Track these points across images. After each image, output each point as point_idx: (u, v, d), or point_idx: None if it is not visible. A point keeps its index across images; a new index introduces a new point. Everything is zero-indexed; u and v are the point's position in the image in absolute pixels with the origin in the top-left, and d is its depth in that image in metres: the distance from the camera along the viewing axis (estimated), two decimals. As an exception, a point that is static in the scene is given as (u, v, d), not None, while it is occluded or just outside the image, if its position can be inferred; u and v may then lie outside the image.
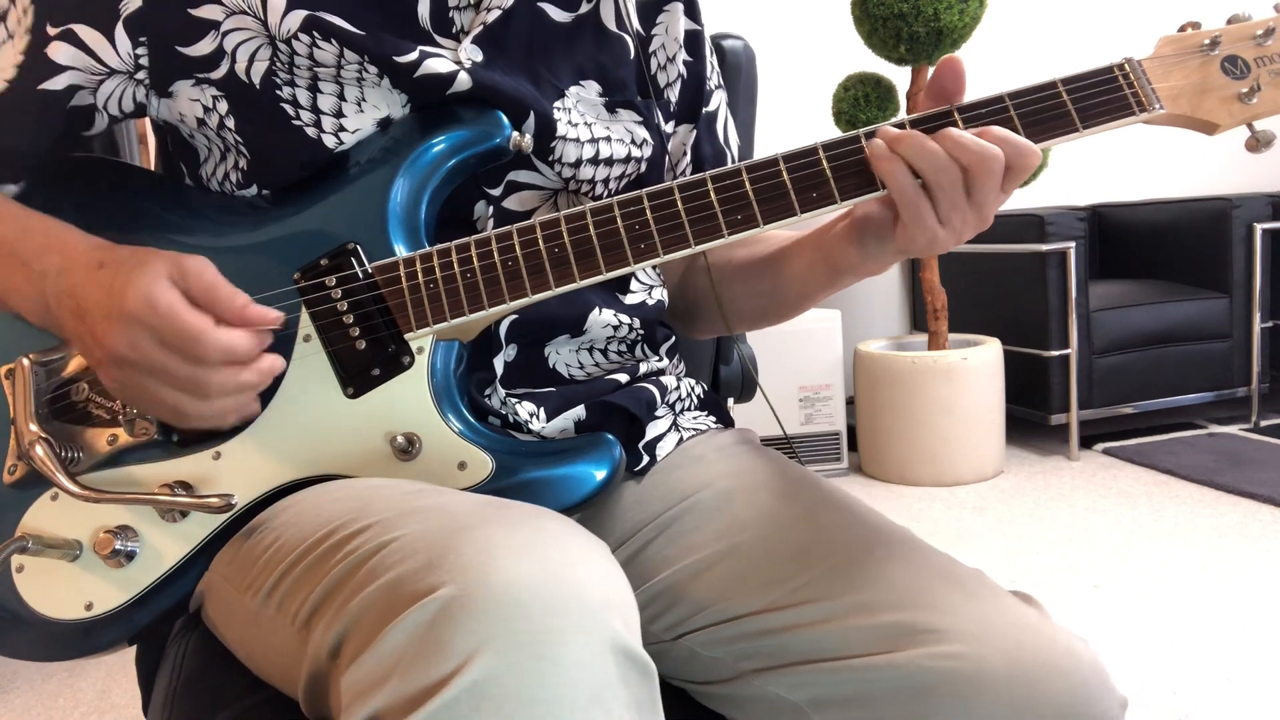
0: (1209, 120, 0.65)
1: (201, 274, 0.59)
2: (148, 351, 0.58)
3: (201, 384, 0.59)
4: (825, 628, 0.61)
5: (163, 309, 0.57)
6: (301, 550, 0.57)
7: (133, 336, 0.58)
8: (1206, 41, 0.65)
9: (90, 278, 0.60)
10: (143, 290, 0.57)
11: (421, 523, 0.51)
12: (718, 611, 0.65)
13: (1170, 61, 0.65)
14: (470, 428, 0.65)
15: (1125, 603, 1.91)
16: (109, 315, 0.58)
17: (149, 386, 0.59)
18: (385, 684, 0.45)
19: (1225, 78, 0.65)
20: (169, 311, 0.57)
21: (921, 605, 0.60)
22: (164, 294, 0.57)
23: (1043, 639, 0.59)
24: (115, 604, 0.66)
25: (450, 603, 0.45)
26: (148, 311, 0.57)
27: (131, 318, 0.57)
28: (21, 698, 1.80)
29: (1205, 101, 0.65)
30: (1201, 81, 0.65)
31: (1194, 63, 0.65)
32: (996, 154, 0.60)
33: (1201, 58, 0.65)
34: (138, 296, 0.57)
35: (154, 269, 0.58)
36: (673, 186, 0.64)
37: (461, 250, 0.65)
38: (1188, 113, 0.65)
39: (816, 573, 0.63)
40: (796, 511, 0.69)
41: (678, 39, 0.82)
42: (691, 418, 0.82)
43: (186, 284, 0.59)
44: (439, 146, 0.67)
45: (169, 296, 0.58)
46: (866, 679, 0.59)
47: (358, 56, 0.66)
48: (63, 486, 0.63)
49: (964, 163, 0.60)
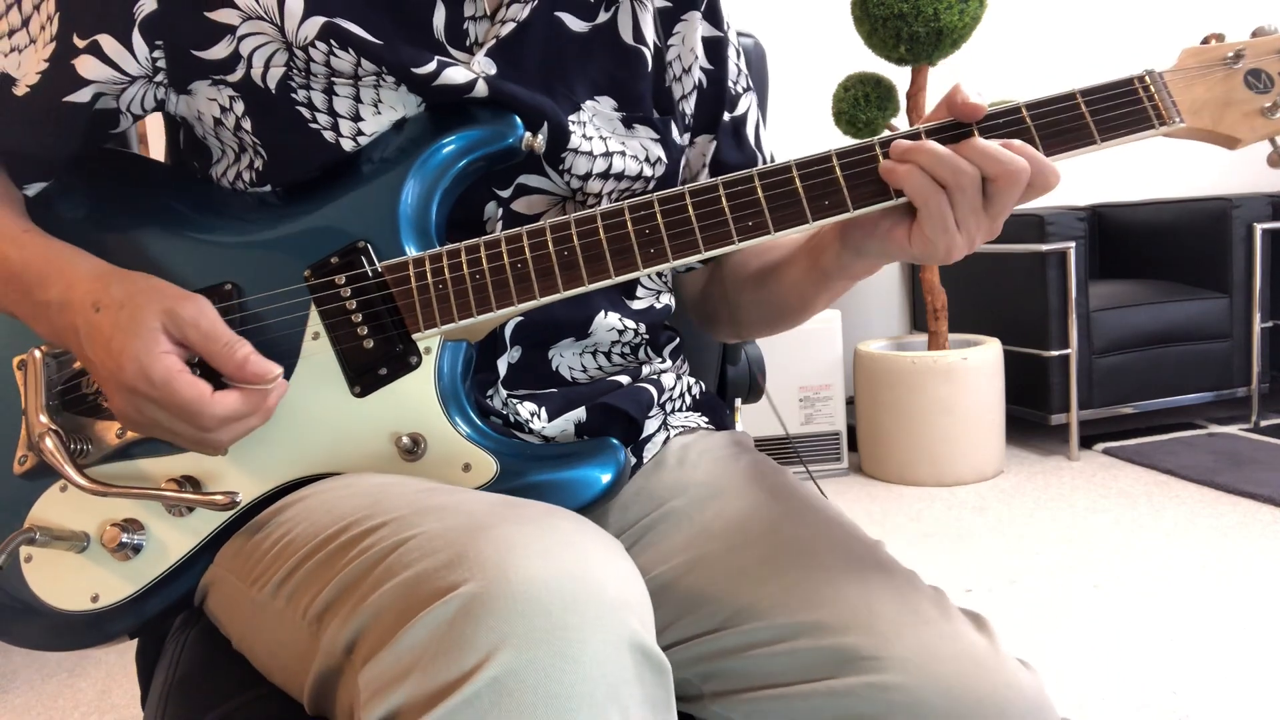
0: (1231, 135, 0.65)
1: (197, 323, 0.59)
2: (152, 415, 0.60)
3: (207, 442, 0.61)
4: (775, 649, 0.61)
5: (159, 382, 0.58)
6: (314, 545, 0.57)
7: (134, 403, 0.59)
8: (1230, 54, 0.65)
9: (89, 322, 0.60)
10: (137, 358, 0.58)
11: (438, 521, 0.52)
12: (682, 628, 0.64)
13: (1193, 74, 0.65)
14: (476, 430, 0.65)
15: (1125, 603, 1.91)
16: (111, 380, 0.59)
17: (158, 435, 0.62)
18: (406, 680, 0.45)
19: (1249, 91, 0.65)
20: (164, 384, 0.58)
21: (866, 629, 0.59)
22: (157, 363, 0.58)
23: (985, 671, 0.58)
24: (121, 596, 0.66)
25: (471, 600, 0.45)
26: (145, 383, 0.58)
27: (130, 389, 0.59)
28: (21, 698, 1.80)
29: (1227, 115, 0.65)
30: (1224, 95, 0.65)
31: (1217, 75, 0.65)
32: (1024, 167, 0.60)
33: (1225, 71, 0.65)
34: (134, 367, 0.58)
35: (147, 328, 0.59)
36: (684, 191, 0.64)
37: (471, 251, 0.65)
38: (1209, 127, 0.65)
39: (772, 588, 0.63)
40: (763, 523, 0.68)
41: (694, 49, 0.81)
42: (681, 417, 0.82)
43: (182, 334, 0.59)
44: (451, 146, 0.67)
45: (163, 365, 0.58)
46: (810, 708, 0.58)
47: (375, 66, 0.66)
48: (70, 479, 0.63)
49: (991, 174, 0.60)
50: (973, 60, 2.82)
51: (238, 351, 0.60)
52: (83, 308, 0.61)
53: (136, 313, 0.59)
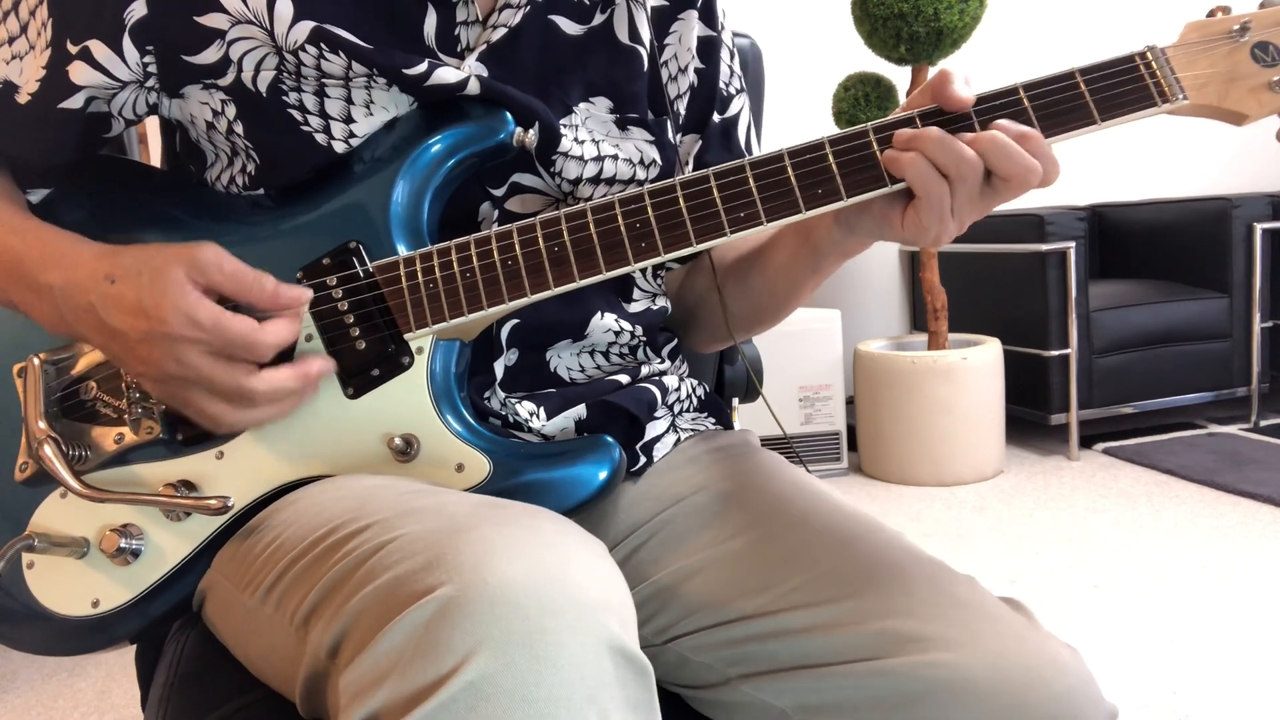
0: (1237, 110, 0.62)
1: (221, 265, 0.59)
2: (196, 365, 0.58)
3: (248, 392, 0.60)
4: (813, 634, 0.61)
5: (208, 323, 0.57)
6: (301, 549, 0.57)
7: (179, 353, 0.58)
8: (1236, 27, 0.62)
9: (105, 294, 0.59)
10: (178, 305, 0.57)
11: (420, 523, 0.52)
12: (707, 616, 0.65)
13: (1196, 49, 0.62)
14: (469, 429, 0.65)
15: (1125, 603, 1.91)
16: (148, 337, 0.58)
17: (193, 398, 0.60)
18: (383, 683, 0.45)
19: (1255, 65, 0.62)
20: (214, 324, 0.58)
21: (909, 613, 0.60)
22: (201, 305, 0.58)
23: (1029, 648, 0.59)
24: (121, 601, 0.66)
25: (448, 603, 0.45)
26: (192, 328, 0.57)
27: (176, 337, 0.58)
28: (21, 698, 1.81)
29: (1233, 90, 0.62)
30: (1230, 69, 0.62)
31: (1222, 49, 0.62)
32: (1036, 168, 0.59)
33: (1230, 44, 0.62)
34: (177, 315, 0.57)
35: (174, 277, 0.58)
36: (675, 183, 0.63)
37: (461, 250, 0.65)
38: (1214, 103, 0.62)
39: (806, 578, 0.63)
40: (789, 516, 0.69)
41: (690, 48, 0.81)
42: (690, 419, 0.82)
43: (208, 278, 0.59)
44: (441, 144, 0.67)
45: (207, 307, 0.58)
46: (852, 686, 0.59)
47: (366, 69, 0.66)
48: (68, 485, 0.63)
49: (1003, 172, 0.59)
50: (973, 60, 2.82)
51: (267, 283, 0.60)
52: (94, 284, 0.60)
53: (158, 273, 0.58)
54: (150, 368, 0.59)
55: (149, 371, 0.60)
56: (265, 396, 0.60)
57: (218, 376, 0.59)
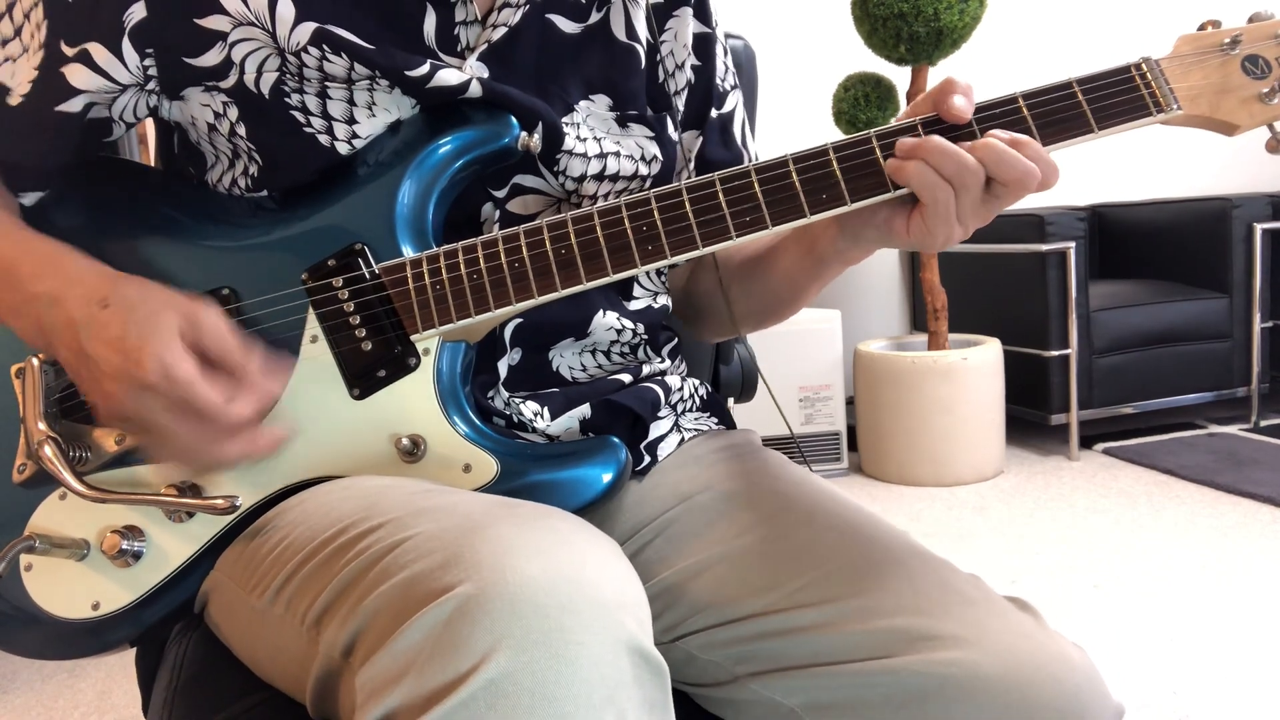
0: (1228, 121, 0.65)
1: (216, 330, 0.59)
2: (155, 418, 0.58)
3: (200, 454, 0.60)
4: (821, 632, 0.61)
5: (181, 381, 0.57)
6: (311, 549, 0.57)
7: (141, 401, 0.57)
8: (1227, 40, 0.65)
9: (93, 317, 0.59)
10: (158, 356, 0.56)
11: (434, 522, 0.51)
12: (715, 614, 0.65)
13: (1189, 61, 0.65)
14: (475, 430, 0.65)
15: (1125, 603, 1.91)
16: (118, 376, 0.57)
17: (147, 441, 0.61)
18: (401, 681, 0.45)
19: (1246, 77, 0.64)
20: (187, 385, 0.57)
21: (918, 611, 0.60)
22: (181, 363, 0.57)
23: (1037, 645, 0.59)
24: (122, 604, 0.66)
25: (467, 601, 0.45)
26: (164, 380, 0.57)
27: (145, 385, 0.57)
28: (21, 698, 1.80)
29: (1225, 102, 0.64)
30: (1221, 81, 0.64)
31: (1213, 62, 0.65)
32: (1034, 172, 0.60)
33: (1221, 57, 0.65)
34: (155, 364, 0.56)
35: (166, 326, 0.58)
36: (681, 188, 0.64)
37: (468, 251, 0.65)
38: (1206, 113, 0.65)
39: (814, 576, 0.64)
40: (795, 515, 0.69)
41: (686, 45, 0.81)
42: (693, 419, 0.82)
43: (199, 337, 0.58)
44: (447, 147, 0.67)
45: (186, 367, 0.57)
46: (861, 684, 0.59)
47: (368, 70, 0.66)
48: (70, 486, 0.63)
49: (1003, 179, 0.60)
50: (973, 60, 2.82)
51: (252, 360, 0.60)
52: (85, 303, 0.59)
53: (152, 315, 0.58)
54: (110, 403, 0.59)
55: (107, 406, 0.59)
56: (215, 459, 0.60)
57: (175, 433, 0.58)
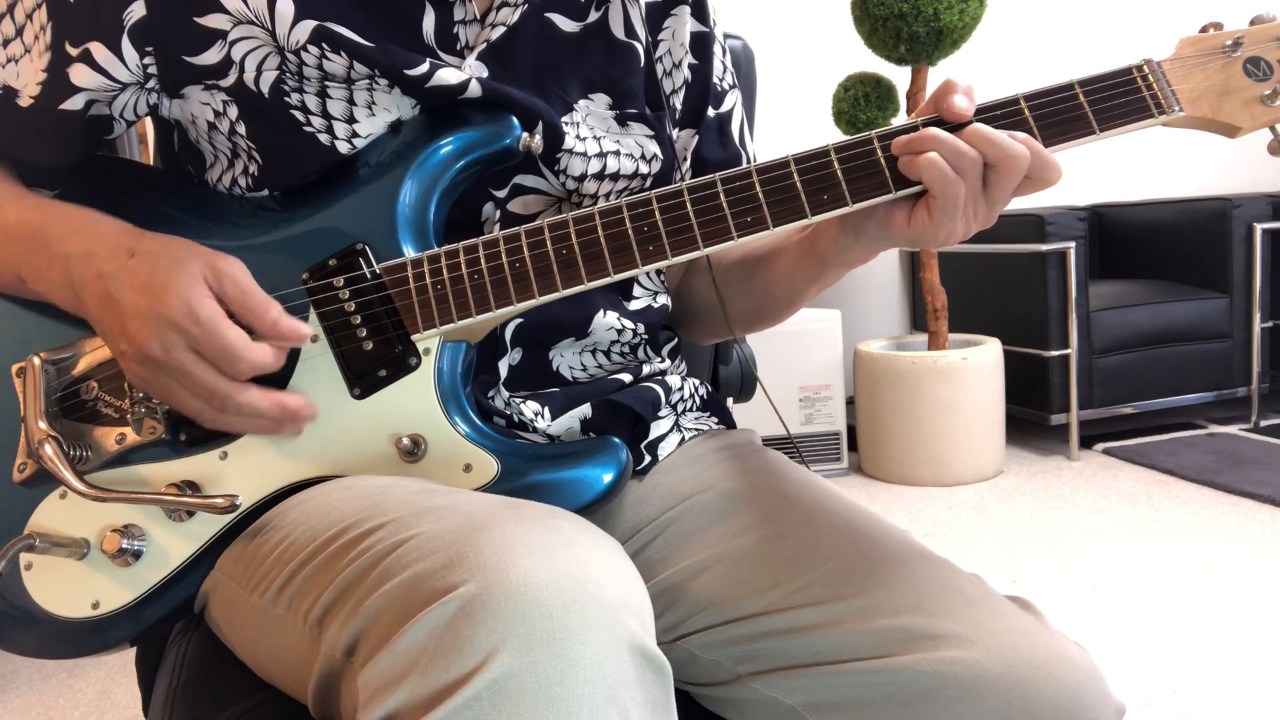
0: (1230, 123, 0.65)
1: (237, 279, 0.60)
2: (179, 357, 0.59)
3: (221, 397, 0.60)
4: (823, 631, 0.61)
5: (204, 320, 0.58)
6: (313, 549, 0.57)
7: (167, 340, 0.58)
8: (1229, 43, 0.65)
9: (122, 266, 0.60)
10: (183, 295, 0.58)
11: (437, 521, 0.51)
12: (716, 613, 0.65)
13: (1191, 63, 0.65)
14: (476, 430, 0.65)
15: (1125, 603, 1.91)
16: (144, 315, 0.58)
17: (171, 387, 0.60)
18: (404, 681, 0.45)
19: (1248, 79, 0.65)
20: (210, 323, 0.58)
21: (919, 610, 0.60)
22: (205, 302, 0.58)
23: (1038, 644, 0.59)
24: (122, 603, 0.66)
25: (471, 600, 0.45)
26: (188, 319, 0.58)
27: (170, 322, 0.58)
28: (21, 698, 1.80)
29: (1227, 104, 0.65)
30: (1223, 83, 0.65)
31: (1215, 64, 0.65)
32: (1023, 153, 0.61)
33: (1223, 59, 0.65)
34: (179, 302, 0.58)
35: (191, 270, 0.59)
36: (682, 188, 0.64)
37: (469, 252, 0.65)
38: (1208, 115, 0.65)
39: (815, 576, 0.64)
40: (796, 515, 0.69)
41: (684, 43, 0.82)
42: (694, 418, 0.82)
43: (221, 286, 0.60)
44: (448, 148, 0.67)
45: (210, 306, 0.58)
46: (863, 683, 0.59)
47: (367, 69, 0.66)
48: (70, 485, 0.63)
49: (991, 159, 0.61)
50: (973, 60, 2.82)
51: (272, 309, 0.60)
52: (114, 254, 0.61)
53: (177, 261, 0.59)
54: (135, 346, 0.59)
55: (131, 350, 0.59)
56: (236, 407, 0.60)
57: (196, 374, 0.59)
